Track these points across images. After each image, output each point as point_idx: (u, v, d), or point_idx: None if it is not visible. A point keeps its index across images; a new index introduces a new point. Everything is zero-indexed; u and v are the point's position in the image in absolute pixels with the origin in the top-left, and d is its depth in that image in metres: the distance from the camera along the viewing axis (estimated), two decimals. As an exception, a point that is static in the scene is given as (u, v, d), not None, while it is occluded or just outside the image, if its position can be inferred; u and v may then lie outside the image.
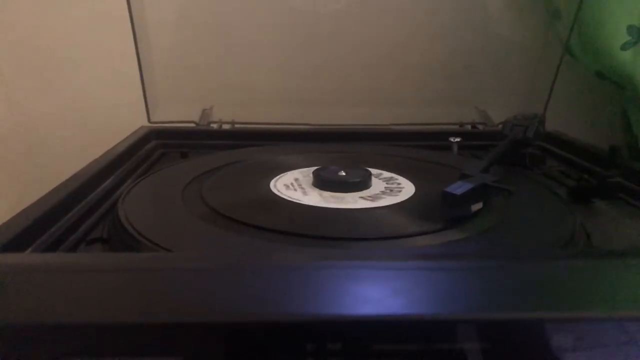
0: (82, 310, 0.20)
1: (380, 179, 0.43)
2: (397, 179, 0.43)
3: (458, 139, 0.57)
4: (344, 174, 0.41)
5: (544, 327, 0.19)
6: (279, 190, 0.39)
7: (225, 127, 0.63)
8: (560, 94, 0.63)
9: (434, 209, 0.35)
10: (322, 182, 0.40)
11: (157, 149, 0.57)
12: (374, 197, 0.38)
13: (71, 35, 0.68)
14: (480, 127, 0.65)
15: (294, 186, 0.40)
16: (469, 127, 0.66)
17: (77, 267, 0.23)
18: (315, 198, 0.38)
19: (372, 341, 0.17)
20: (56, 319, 0.19)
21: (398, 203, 0.37)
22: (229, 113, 0.64)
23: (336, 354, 0.18)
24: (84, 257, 0.28)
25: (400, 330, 0.17)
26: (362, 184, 0.40)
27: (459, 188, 0.33)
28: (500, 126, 0.61)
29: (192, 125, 0.61)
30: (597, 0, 0.55)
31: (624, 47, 0.54)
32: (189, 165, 0.47)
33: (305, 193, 0.39)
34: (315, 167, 0.42)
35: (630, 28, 0.53)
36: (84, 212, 0.37)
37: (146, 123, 0.60)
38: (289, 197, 0.38)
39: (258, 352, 0.18)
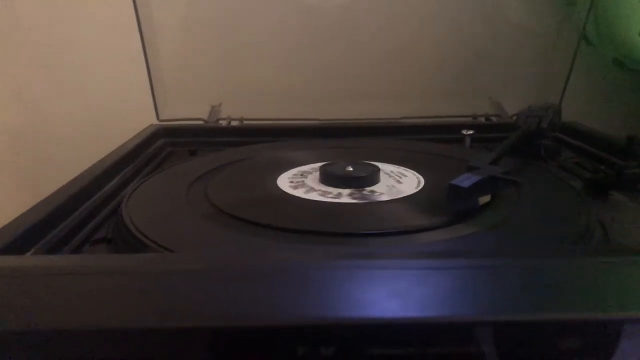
0: (79, 315, 0.19)
1: (388, 173, 0.42)
2: (405, 173, 0.42)
3: (471, 132, 0.56)
4: (351, 169, 0.40)
5: (555, 330, 0.18)
6: (285, 187, 0.39)
7: (234, 124, 0.62)
8: (576, 83, 0.61)
9: (442, 204, 0.34)
10: (329, 178, 0.39)
11: (165, 147, 0.56)
12: (381, 192, 0.37)
13: (80, 35, 0.68)
14: (494, 119, 0.64)
15: (301, 182, 0.40)
16: (482, 119, 0.64)
17: (72, 269, 0.23)
18: (321, 194, 0.37)
19: (368, 345, 0.17)
20: (54, 324, 0.19)
21: (406, 198, 0.37)
22: (238, 110, 0.63)
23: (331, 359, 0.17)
24: (80, 259, 0.28)
25: (397, 334, 0.17)
26: (370, 179, 0.39)
27: (465, 180, 0.32)
28: (514, 118, 0.60)
29: (201, 122, 0.61)
30: (614, -14, 0.53)
31: (642, 33, 0.52)
32: (194, 163, 0.47)
33: (312, 189, 0.38)
34: (323, 163, 0.42)
35: (648, 13, 0.52)
36: (90, 211, 0.36)
37: (156, 121, 0.60)
38: (295, 193, 0.37)
39: (253, 356, 0.18)
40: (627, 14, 0.53)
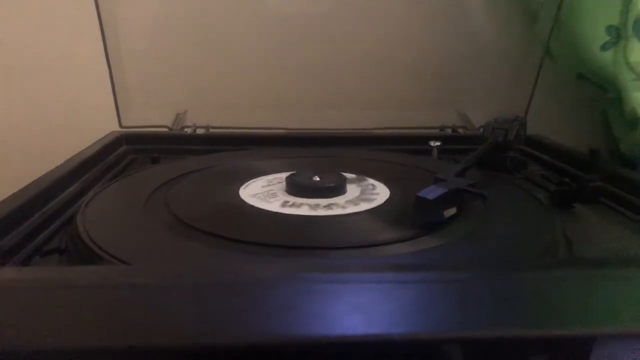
0: (22, 333, 0.17)
1: (355, 184, 0.41)
2: (372, 184, 0.42)
3: (438, 143, 0.56)
4: (318, 179, 0.39)
5: (524, 347, 0.18)
6: (249, 198, 0.38)
7: (200, 131, 0.61)
8: (541, 97, 0.62)
9: (408, 215, 0.33)
10: (295, 188, 0.39)
11: (127, 155, 0.55)
12: (347, 203, 0.37)
13: (40, 36, 0.66)
14: (461, 130, 0.64)
15: (267, 192, 0.39)
16: (449, 130, 0.64)
17: (17, 283, 0.21)
18: (286, 205, 0.36)
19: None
20: None
21: (371, 209, 0.36)
22: (204, 117, 0.62)
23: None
24: (26, 272, 0.26)
25: (361, 352, 0.16)
26: (337, 189, 0.39)
27: (431, 192, 0.32)
28: (481, 130, 0.60)
29: (165, 130, 0.60)
30: (576, 2, 0.54)
31: (604, 48, 0.53)
32: (155, 171, 0.45)
33: (276, 200, 0.37)
34: (289, 173, 0.41)
35: (609, 28, 0.53)
36: (43, 220, 0.35)
37: (118, 128, 0.58)
38: (258, 204, 0.36)
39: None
40: (589, 29, 0.54)
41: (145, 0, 0.59)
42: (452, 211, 0.34)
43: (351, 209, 0.36)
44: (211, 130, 0.62)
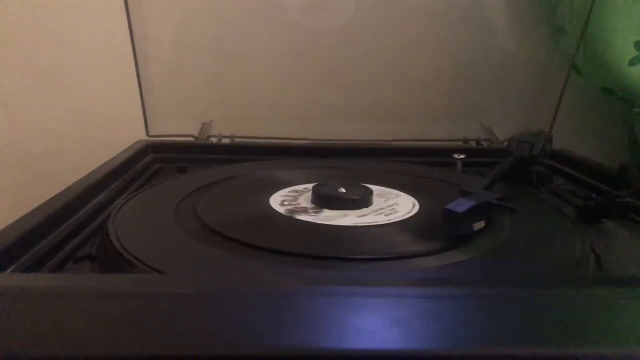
0: (58, 339, 0.18)
1: (381, 196, 0.42)
2: (398, 197, 0.42)
3: (462, 156, 0.56)
4: (344, 191, 0.39)
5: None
6: (277, 207, 0.38)
7: (225, 141, 0.62)
8: (566, 111, 0.62)
9: (436, 228, 0.33)
10: (322, 199, 0.39)
11: (154, 164, 0.55)
12: (374, 215, 0.37)
13: (71, 47, 0.67)
14: (485, 144, 0.64)
15: (293, 203, 0.39)
16: (473, 144, 0.64)
17: (52, 290, 0.21)
18: (314, 215, 0.36)
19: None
20: (30, 349, 0.17)
21: (399, 222, 0.36)
22: (229, 128, 0.63)
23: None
24: (62, 279, 0.26)
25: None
26: (363, 201, 0.39)
27: (460, 206, 0.32)
28: (505, 143, 0.60)
29: (191, 139, 0.60)
30: (604, 17, 0.54)
31: (632, 63, 0.53)
32: (184, 180, 0.46)
33: (304, 210, 0.38)
34: (315, 184, 0.41)
35: (638, 44, 0.52)
36: (74, 228, 0.35)
37: (145, 137, 0.59)
38: (287, 214, 0.37)
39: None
40: (617, 44, 0.54)
41: (173, 17, 0.61)
42: (481, 225, 0.34)
43: (378, 221, 0.36)
44: (236, 140, 0.62)
